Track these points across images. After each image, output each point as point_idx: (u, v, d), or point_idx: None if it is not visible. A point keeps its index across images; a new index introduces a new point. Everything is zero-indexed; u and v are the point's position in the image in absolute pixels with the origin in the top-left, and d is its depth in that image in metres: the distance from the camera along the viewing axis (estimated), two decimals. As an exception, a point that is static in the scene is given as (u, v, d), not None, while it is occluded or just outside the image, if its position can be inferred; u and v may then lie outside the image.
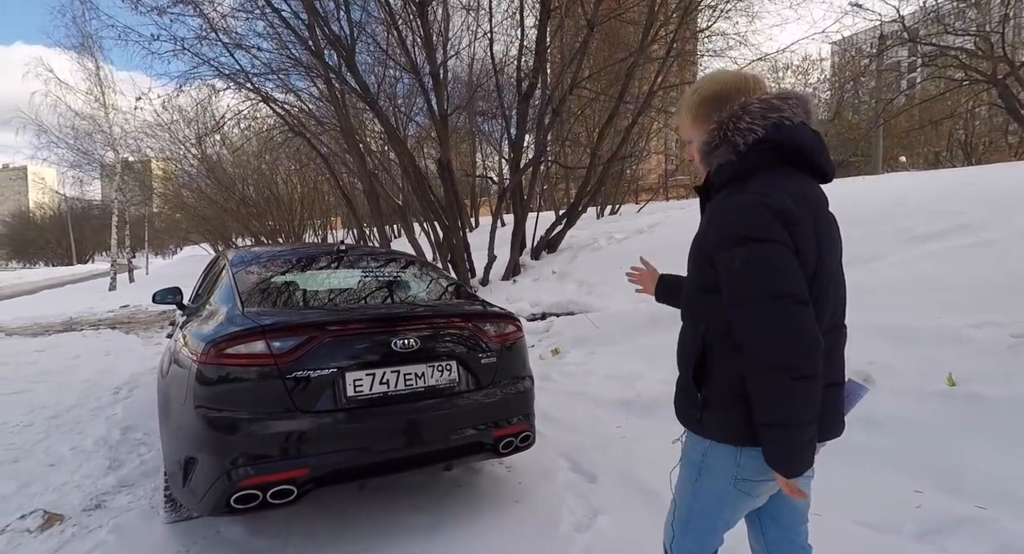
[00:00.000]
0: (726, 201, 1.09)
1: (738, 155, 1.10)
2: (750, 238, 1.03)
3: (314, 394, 1.91)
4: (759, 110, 1.08)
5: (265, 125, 13.79)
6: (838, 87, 21.70)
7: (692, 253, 1.19)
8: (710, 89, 1.16)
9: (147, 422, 3.80)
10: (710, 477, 1.19)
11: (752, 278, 1.02)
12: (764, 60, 10.47)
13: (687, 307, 1.23)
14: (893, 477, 2.33)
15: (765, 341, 1.01)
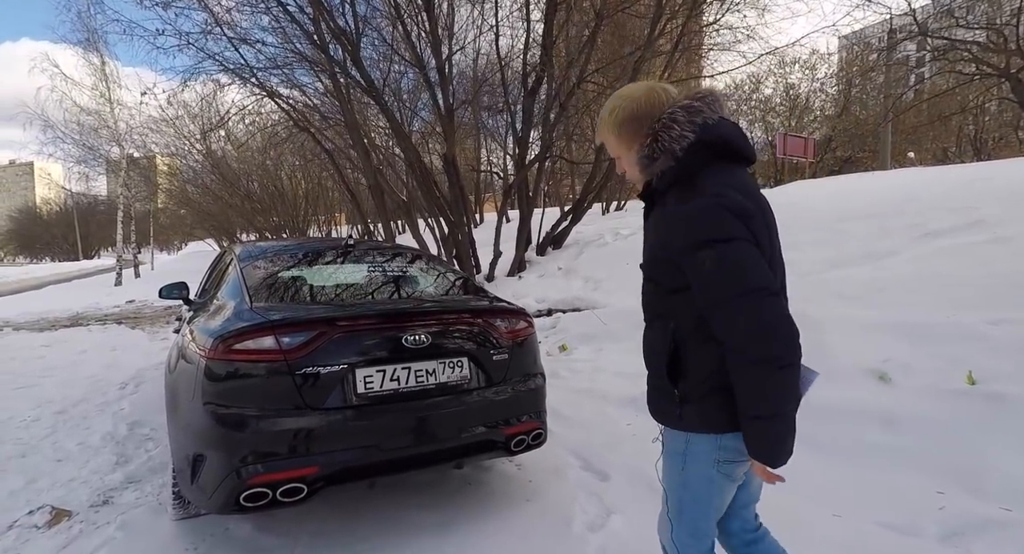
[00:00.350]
0: (681, 208, 1.12)
1: (676, 160, 1.15)
2: (715, 240, 1.07)
3: (324, 391, 1.88)
4: (685, 117, 1.15)
5: (269, 121, 13.79)
6: (846, 82, 21.51)
7: (649, 259, 1.24)
8: (627, 109, 1.21)
9: (154, 417, 3.79)
10: (695, 464, 1.23)
11: (723, 278, 1.07)
12: (774, 54, 10.35)
13: (653, 309, 1.27)
14: (913, 477, 2.28)
15: (746, 337, 1.05)
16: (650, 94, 1.20)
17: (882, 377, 3.04)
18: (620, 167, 1.31)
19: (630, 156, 1.24)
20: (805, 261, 5.98)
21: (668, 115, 1.16)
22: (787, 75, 20.33)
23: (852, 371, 3.15)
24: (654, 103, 1.19)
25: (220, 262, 3.30)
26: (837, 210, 7.35)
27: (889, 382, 2.97)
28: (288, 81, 10.31)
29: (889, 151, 18.55)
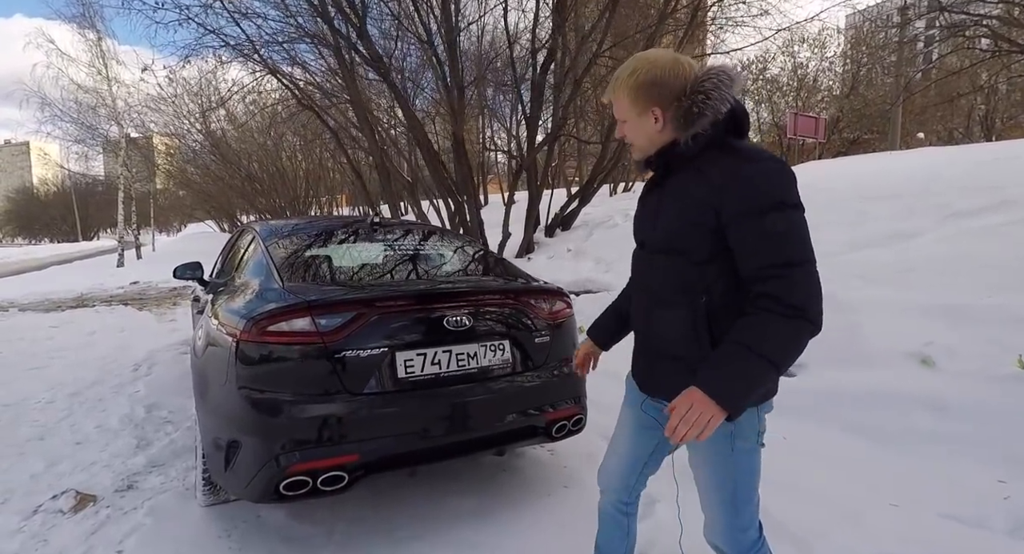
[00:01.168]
0: (751, 167, 1.08)
1: (714, 126, 1.13)
2: (788, 203, 1.06)
3: (364, 375, 1.78)
4: (725, 86, 1.12)
5: (270, 99, 13.50)
6: (854, 62, 21.08)
7: (676, 229, 1.17)
8: (650, 73, 1.15)
9: (171, 400, 3.72)
10: (742, 441, 1.18)
11: (795, 241, 1.05)
12: (789, 29, 10.06)
13: (674, 286, 1.19)
14: (970, 466, 2.21)
15: (807, 298, 1.03)
16: (676, 63, 1.16)
17: (924, 361, 2.95)
18: (622, 131, 1.25)
19: (640, 121, 1.19)
20: (827, 242, 5.84)
21: (711, 74, 1.13)
22: (795, 54, 19.92)
23: (892, 355, 3.07)
24: (678, 73, 1.14)
25: (239, 241, 3.18)
26: (858, 190, 7.20)
27: (932, 366, 2.89)
28: (291, 58, 10.06)
29: (899, 132, 18.26)
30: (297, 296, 1.84)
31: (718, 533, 1.27)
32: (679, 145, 1.16)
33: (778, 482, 2.24)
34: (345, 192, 23.39)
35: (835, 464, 2.40)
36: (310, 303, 1.78)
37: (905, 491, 2.10)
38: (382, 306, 1.86)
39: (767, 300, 1.03)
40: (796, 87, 20.51)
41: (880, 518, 1.95)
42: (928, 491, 2.09)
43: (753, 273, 1.06)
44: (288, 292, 1.89)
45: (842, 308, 3.82)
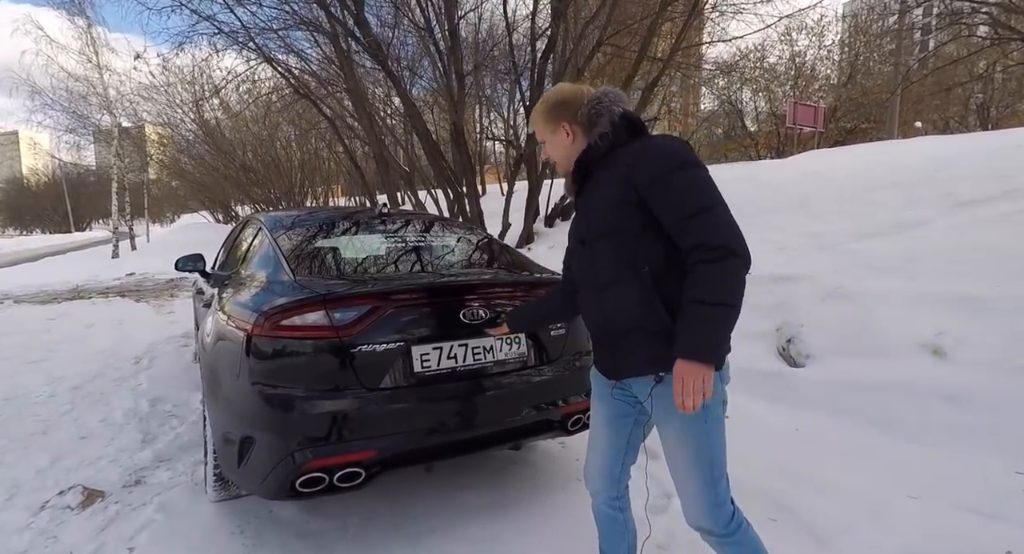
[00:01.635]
0: (652, 141, 1.29)
1: (612, 125, 1.33)
2: (690, 163, 1.22)
3: (379, 370, 1.75)
4: (614, 96, 1.35)
5: (264, 88, 13.31)
6: (852, 51, 20.97)
7: (607, 212, 1.30)
8: (554, 97, 1.42)
9: (175, 393, 3.68)
10: (715, 409, 1.26)
11: (703, 191, 1.19)
12: (791, 17, 9.96)
13: (614, 266, 1.30)
14: (987, 457, 2.20)
15: (727, 235, 1.15)
16: (575, 88, 1.42)
17: (936, 351, 2.94)
18: (545, 153, 1.46)
19: (555, 138, 1.41)
20: (831, 232, 5.84)
21: (602, 91, 1.35)
22: (794, 42, 19.79)
23: (903, 346, 3.06)
24: (577, 94, 1.38)
25: (243, 232, 3.12)
26: (861, 179, 7.16)
27: (944, 357, 2.88)
28: (286, 46, 9.88)
29: (897, 121, 18.22)
30: (310, 289, 1.79)
31: (702, 514, 1.30)
32: (592, 148, 1.35)
33: (797, 476, 2.24)
34: (340, 182, 23.19)
35: (850, 456, 2.39)
36: (324, 296, 1.73)
37: (922, 483, 2.09)
38: (397, 300, 1.82)
39: (696, 252, 1.16)
40: (794, 76, 20.41)
41: (899, 510, 1.94)
42: (945, 483, 2.08)
43: (677, 228, 1.19)
44: (300, 285, 1.84)
45: (851, 298, 3.81)
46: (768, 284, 4.44)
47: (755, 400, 3.15)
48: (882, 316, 3.43)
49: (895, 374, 2.86)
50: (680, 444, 1.29)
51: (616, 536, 1.60)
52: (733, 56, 16.42)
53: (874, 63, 20.94)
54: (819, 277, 4.37)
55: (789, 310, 3.97)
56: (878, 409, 2.70)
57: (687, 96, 21.00)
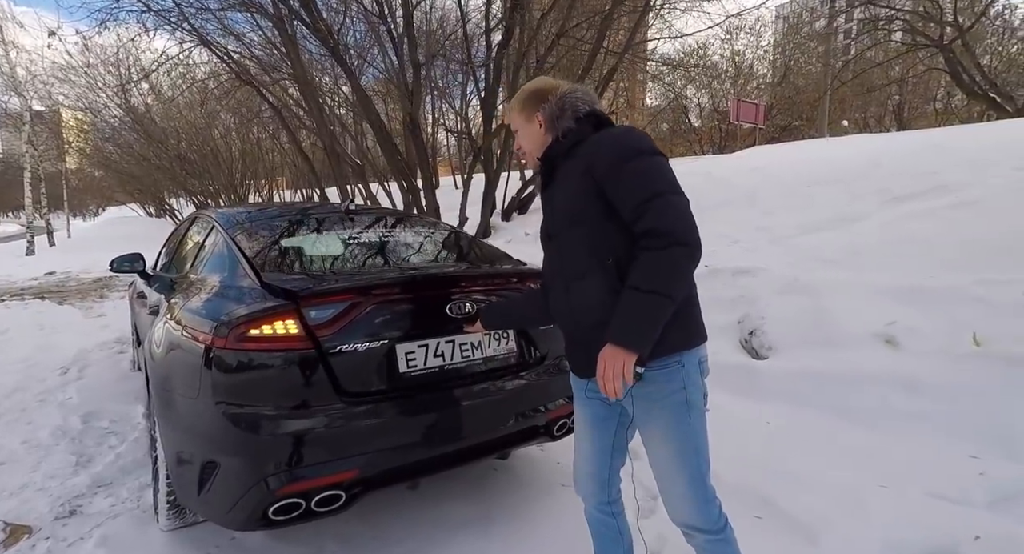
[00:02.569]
0: (612, 130, 1.31)
1: (576, 122, 1.35)
2: (646, 150, 1.23)
3: (361, 374, 1.62)
4: (581, 94, 1.38)
5: (200, 73, 12.45)
6: (784, 52, 22.07)
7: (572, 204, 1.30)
8: (531, 87, 1.44)
9: (111, 406, 3.36)
10: (697, 404, 1.27)
11: (658, 177, 1.20)
12: (739, 16, 10.29)
13: (581, 258, 1.30)
14: (945, 443, 2.31)
15: (676, 221, 1.15)
16: (549, 82, 1.44)
17: (889, 341, 3.08)
18: (518, 143, 1.47)
19: (528, 127, 1.42)
20: (780, 225, 6.08)
21: (569, 88, 1.38)
22: (733, 41, 20.60)
23: (859, 336, 3.19)
24: (550, 87, 1.40)
25: (191, 230, 2.85)
26: (803, 175, 7.50)
27: (897, 346, 3.02)
28: (225, 28, 9.24)
29: (827, 120, 19.33)
30: (279, 295, 1.62)
31: (693, 512, 1.28)
32: (556, 142, 1.37)
33: (773, 469, 2.28)
34: (285, 175, 22.16)
35: (819, 447, 2.46)
36: (297, 300, 1.58)
37: (889, 471, 2.17)
38: (377, 294, 1.69)
39: (645, 238, 1.15)
40: (734, 74, 21.24)
41: (873, 500, 2.00)
42: (911, 470, 2.17)
43: (631, 214, 1.18)
44: (267, 290, 1.67)
45: (806, 290, 3.95)
46: (728, 277, 4.55)
47: (723, 393, 3.20)
48: (836, 308, 3.58)
49: (853, 364, 2.98)
50: (665, 442, 1.27)
51: (610, 542, 1.57)
52: (678, 52, 16.90)
53: (805, 63, 22.11)
54: (775, 270, 4.52)
55: (749, 303, 4.09)
56: (840, 399, 2.80)
57: (634, 91, 21.41)
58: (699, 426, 1.27)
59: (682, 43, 16.54)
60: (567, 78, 11.15)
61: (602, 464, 1.49)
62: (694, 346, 1.28)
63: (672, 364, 1.24)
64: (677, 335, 1.23)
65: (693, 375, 1.26)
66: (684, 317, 1.24)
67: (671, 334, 1.20)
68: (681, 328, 1.24)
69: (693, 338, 1.28)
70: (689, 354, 1.26)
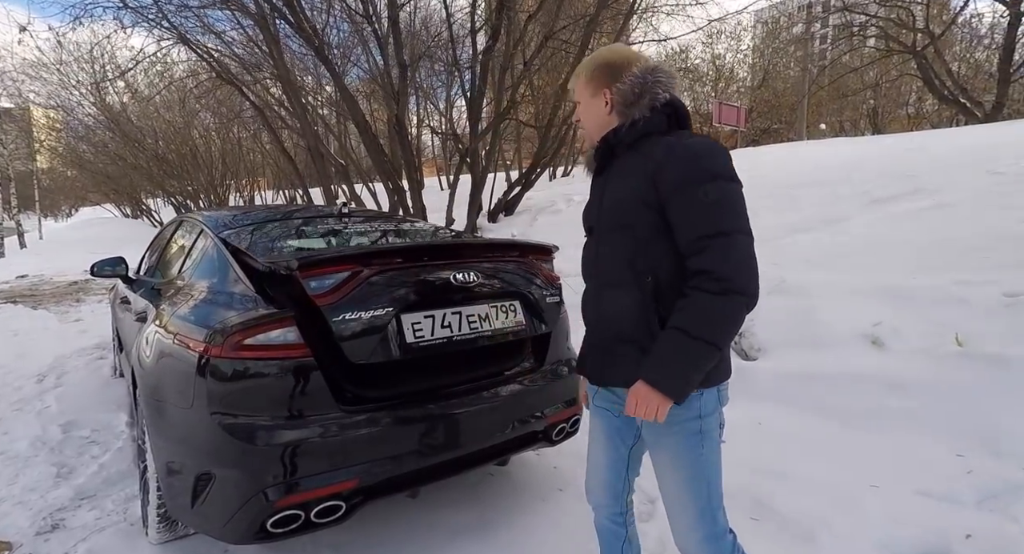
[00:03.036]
0: (688, 142, 1.14)
1: (652, 111, 1.20)
2: (722, 176, 1.10)
3: (367, 344, 1.58)
4: (664, 78, 1.22)
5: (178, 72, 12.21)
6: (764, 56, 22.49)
7: (625, 204, 1.20)
8: (604, 57, 1.27)
9: (92, 415, 3.26)
10: (711, 434, 1.20)
11: (726, 211, 1.09)
12: (722, 20, 10.45)
13: (623, 265, 1.20)
14: (932, 442, 2.36)
15: (736, 268, 1.06)
16: (629, 53, 1.27)
17: (875, 342, 3.14)
18: (578, 114, 1.33)
19: (593, 103, 1.27)
20: (766, 227, 6.16)
21: (650, 66, 1.22)
22: (714, 45, 20.94)
23: (847, 337, 3.24)
24: (627, 59, 1.24)
25: (177, 234, 2.78)
26: (785, 177, 7.64)
27: (883, 346, 3.08)
28: (205, 27, 9.06)
29: (805, 123, 19.73)
30: (276, 301, 1.59)
31: (697, 547, 1.21)
32: (621, 129, 1.22)
33: (767, 471, 2.30)
34: (266, 175, 21.81)
35: (810, 447, 2.50)
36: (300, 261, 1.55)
37: (880, 471, 2.21)
38: (379, 264, 1.65)
39: (700, 277, 1.07)
40: (715, 77, 21.57)
41: (865, 500, 2.04)
42: (900, 470, 2.21)
43: (689, 246, 1.10)
44: (263, 295, 1.63)
45: (793, 291, 4.01)
46: (716, 279, 4.61)
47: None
48: (823, 308, 3.64)
49: (841, 365, 3.03)
50: (674, 469, 1.21)
51: (617, 551, 1.52)
52: (660, 55, 17.08)
53: (783, 68, 22.55)
54: (762, 271, 4.56)
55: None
56: (829, 399, 2.84)
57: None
58: (712, 457, 1.19)
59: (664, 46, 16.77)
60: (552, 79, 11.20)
61: (617, 474, 1.41)
62: (715, 384, 1.19)
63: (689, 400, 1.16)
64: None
65: (710, 403, 1.19)
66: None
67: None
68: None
69: (718, 375, 1.19)
70: (707, 396, 1.19)
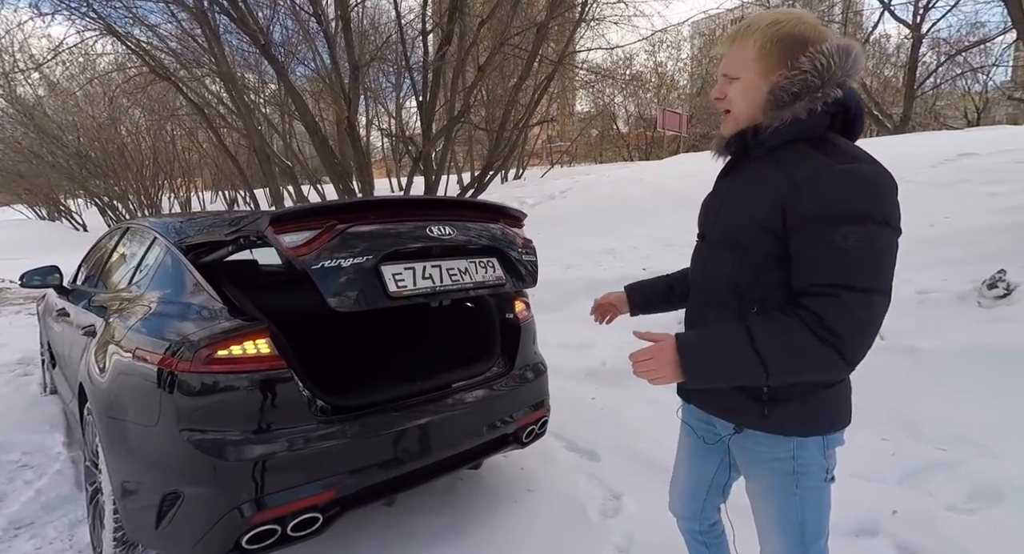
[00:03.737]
0: (843, 168, 0.90)
1: (810, 114, 0.95)
2: (875, 220, 0.88)
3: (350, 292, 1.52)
4: (851, 68, 0.96)
5: (104, 64, 11.43)
6: (702, 65, 23.68)
7: (744, 223, 1.02)
8: (797, 29, 0.97)
9: (22, 437, 3.03)
10: (807, 479, 1.07)
11: (866, 263, 0.89)
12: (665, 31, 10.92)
13: (727, 288, 1.06)
14: (861, 429, 2.54)
15: (857, 335, 0.89)
16: (821, 30, 0.98)
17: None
18: (722, 91, 1.06)
19: (756, 82, 1.00)
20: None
21: (841, 46, 0.95)
22: (656, 53, 21.83)
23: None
24: (821, 36, 0.97)
25: (122, 242, 2.63)
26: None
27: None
28: (134, 18, 8.53)
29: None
30: (242, 311, 1.56)
31: None
32: (766, 130, 0.99)
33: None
34: (204, 175, 20.72)
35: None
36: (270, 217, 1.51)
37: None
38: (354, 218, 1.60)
39: (808, 314, 0.89)
40: (657, 84, 22.46)
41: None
42: (838, 455, 2.42)
43: (805, 287, 0.92)
44: (228, 307, 1.60)
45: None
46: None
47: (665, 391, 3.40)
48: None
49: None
50: (764, 499, 1.13)
51: None
52: (606, 60, 17.62)
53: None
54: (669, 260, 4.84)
55: (687, 305, 4.36)
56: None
57: (564, 97, 22.03)
58: (809, 496, 1.08)
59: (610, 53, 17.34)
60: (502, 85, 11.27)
61: (695, 495, 1.32)
62: (818, 433, 1.07)
63: (782, 440, 1.06)
64: (796, 417, 1.03)
65: (809, 452, 1.06)
66: (820, 398, 1.03)
67: (786, 413, 1.02)
68: (808, 410, 1.03)
69: (821, 423, 1.06)
70: (806, 443, 1.06)
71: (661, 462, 2.45)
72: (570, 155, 22.85)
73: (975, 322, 3.00)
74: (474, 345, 2.09)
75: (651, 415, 2.86)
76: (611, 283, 5.39)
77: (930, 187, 5.55)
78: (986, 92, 15.58)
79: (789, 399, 1.02)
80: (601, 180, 10.53)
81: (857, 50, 0.97)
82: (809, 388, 1.02)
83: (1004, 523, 1.89)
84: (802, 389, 1.02)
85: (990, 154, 6.08)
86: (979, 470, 2.15)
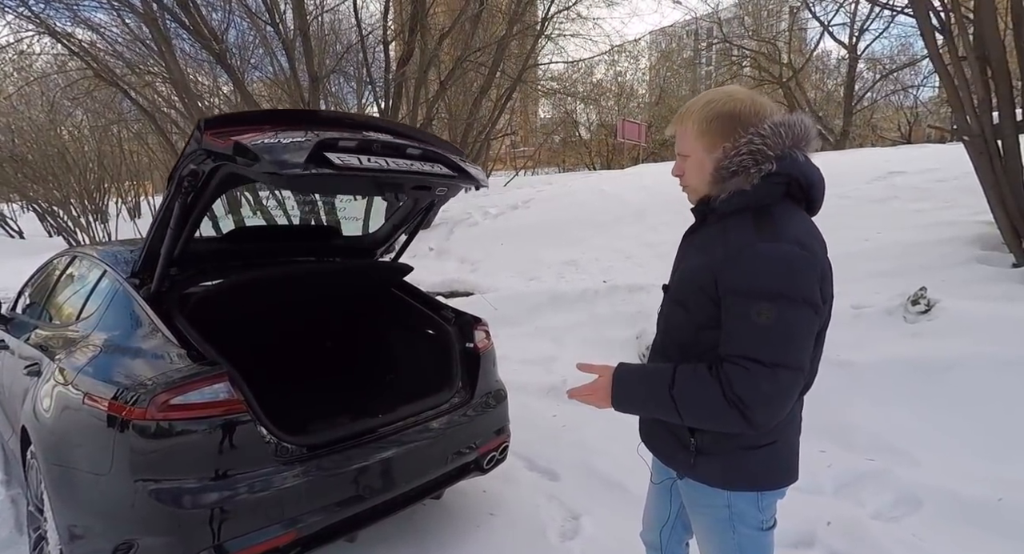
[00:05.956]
0: (762, 246, 0.97)
1: (752, 186, 1.02)
2: (786, 297, 0.95)
3: (294, 162, 1.40)
4: (788, 140, 1.03)
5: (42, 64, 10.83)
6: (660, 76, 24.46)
7: (686, 281, 1.12)
8: (727, 106, 1.05)
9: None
10: (744, 526, 1.13)
11: (772, 339, 0.95)
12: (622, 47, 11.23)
13: (677, 341, 1.15)
14: (802, 441, 2.76)
15: (757, 400, 0.95)
16: (754, 101, 1.06)
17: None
18: (680, 168, 1.15)
19: (703, 158, 1.08)
20: (665, 242, 6.65)
21: (779, 122, 1.02)
22: (616, 64, 22.39)
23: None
24: (756, 112, 1.04)
25: (67, 272, 2.54)
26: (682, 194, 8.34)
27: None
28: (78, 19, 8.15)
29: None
30: (200, 354, 1.56)
31: None
32: (714, 201, 1.07)
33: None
34: (154, 180, 19.82)
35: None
36: (204, 121, 1.49)
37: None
38: (294, 124, 1.53)
39: (724, 376, 0.97)
40: (617, 93, 23.00)
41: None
42: (779, 468, 2.58)
43: (724, 353, 1.00)
44: (187, 349, 1.59)
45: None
46: (626, 293, 4.96)
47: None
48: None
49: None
50: (706, 541, 1.21)
51: None
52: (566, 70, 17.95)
53: (677, 87, 24.61)
54: (663, 287, 5.02)
55: (646, 318, 4.49)
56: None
57: (527, 106, 22.29)
58: (748, 543, 1.14)
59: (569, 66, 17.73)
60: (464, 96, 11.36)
61: (660, 529, 1.38)
62: (747, 489, 1.13)
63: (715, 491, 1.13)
64: (719, 472, 1.11)
65: (741, 504, 1.12)
66: (744, 457, 1.08)
67: (711, 466, 1.10)
68: (731, 467, 1.10)
69: (747, 479, 1.12)
70: (739, 496, 1.12)
71: (618, 481, 2.56)
72: (534, 161, 23.11)
73: (901, 336, 3.24)
74: (435, 375, 2.13)
75: (612, 433, 2.96)
76: (573, 296, 5.50)
77: (867, 202, 5.93)
78: (916, 107, 16.82)
79: (712, 453, 1.10)
80: (563, 190, 10.71)
81: (801, 124, 1.04)
82: (734, 446, 1.08)
83: (921, 529, 2.07)
84: (727, 446, 1.08)
85: (918, 172, 6.54)
86: (902, 478, 2.34)
